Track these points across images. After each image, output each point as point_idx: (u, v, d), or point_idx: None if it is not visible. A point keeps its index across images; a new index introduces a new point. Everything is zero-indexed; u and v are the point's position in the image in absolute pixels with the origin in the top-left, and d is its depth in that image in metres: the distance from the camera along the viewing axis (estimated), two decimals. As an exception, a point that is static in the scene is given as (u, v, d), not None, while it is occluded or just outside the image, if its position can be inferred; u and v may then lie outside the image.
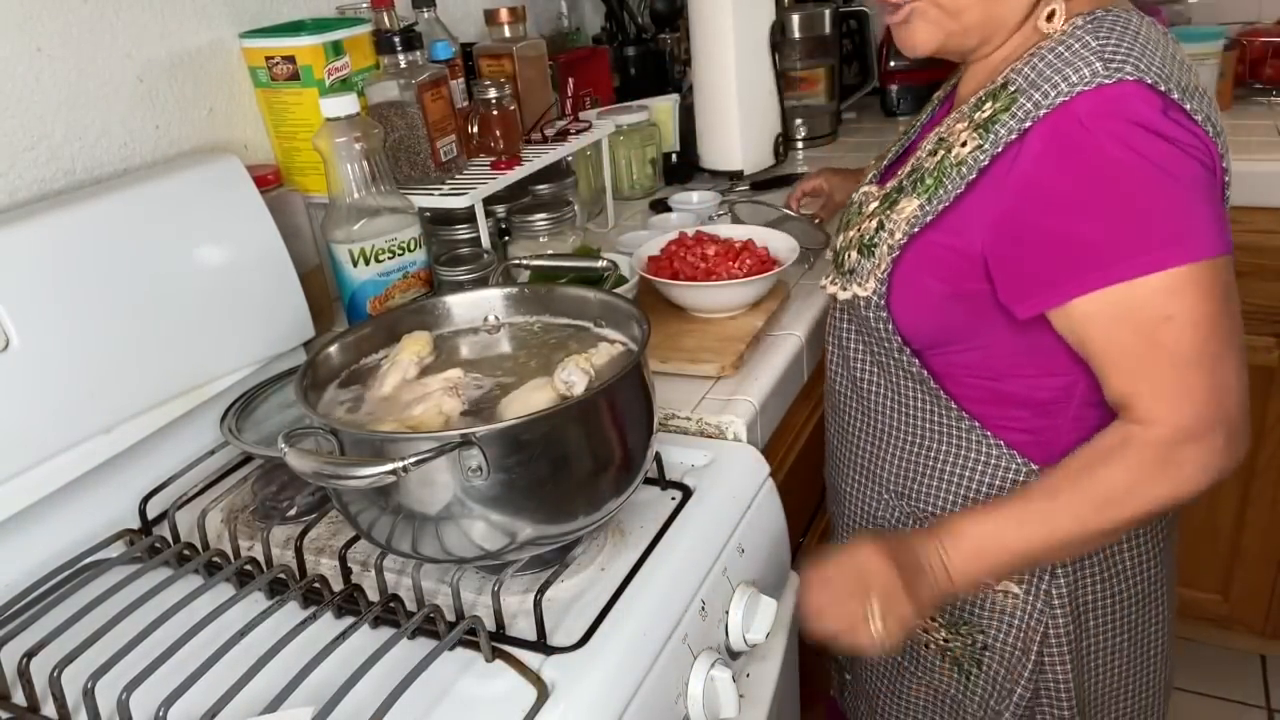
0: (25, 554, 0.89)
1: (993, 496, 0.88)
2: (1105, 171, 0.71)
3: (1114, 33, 0.75)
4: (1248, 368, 0.76)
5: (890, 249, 0.83)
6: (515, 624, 0.76)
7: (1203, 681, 1.94)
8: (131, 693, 0.67)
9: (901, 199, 0.84)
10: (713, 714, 0.79)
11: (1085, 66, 0.73)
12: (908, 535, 0.83)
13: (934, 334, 0.85)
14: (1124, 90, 0.71)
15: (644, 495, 0.90)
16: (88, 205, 0.94)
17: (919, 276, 0.82)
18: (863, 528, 1.01)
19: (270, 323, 1.08)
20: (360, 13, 1.31)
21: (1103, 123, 0.71)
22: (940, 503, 0.92)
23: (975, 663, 0.95)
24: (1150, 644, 0.96)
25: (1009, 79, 0.78)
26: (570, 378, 0.76)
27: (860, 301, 0.87)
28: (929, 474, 0.92)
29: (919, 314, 0.84)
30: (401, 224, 1.11)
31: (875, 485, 0.98)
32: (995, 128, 0.76)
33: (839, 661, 1.18)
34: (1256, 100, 1.85)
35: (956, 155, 0.79)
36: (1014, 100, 0.76)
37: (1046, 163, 0.73)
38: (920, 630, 0.97)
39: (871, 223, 0.86)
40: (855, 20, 2.06)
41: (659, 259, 1.23)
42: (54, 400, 0.88)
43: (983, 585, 0.88)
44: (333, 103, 1.05)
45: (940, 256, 0.81)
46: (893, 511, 0.97)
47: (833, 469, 1.06)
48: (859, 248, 0.87)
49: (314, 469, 0.66)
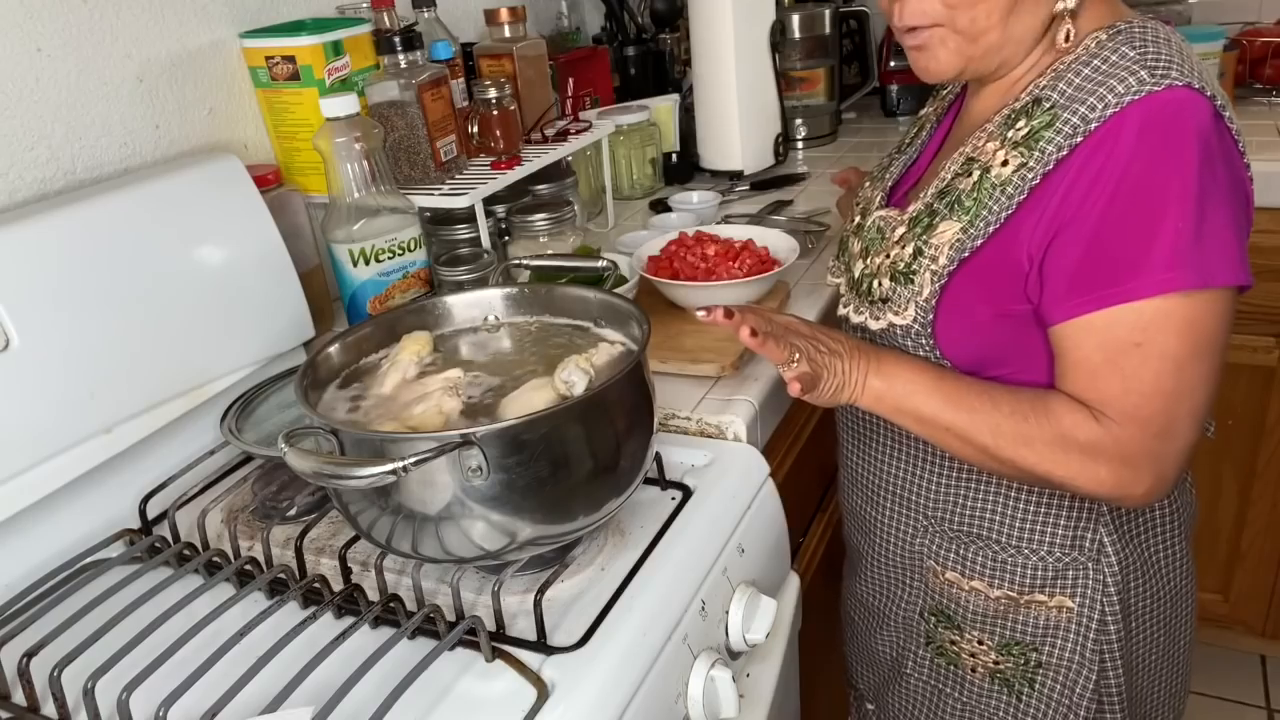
0: (25, 554, 0.89)
1: (1042, 512, 0.88)
2: (1145, 195, 0.70)
3: (1148, 41, 0.74)
4: (1199, 427, 0.76)
5: (936, 275, 0.81)
6: (515, 624, 0.76)
7: (1203, 681, 1.94)
8: (131, 693, 0.67)
9: (938, 223, 0.81)
10: (713, 714, 0.79)
11: (1130, 76, 0.72)
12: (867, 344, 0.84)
13: (978, 356, 0.83)
14: (1175, 96, 0.70)
15: (644, 495, 0.90)
16: (88, 205, 0.94)
17: (965, 300, 0.80)
18: (898, 555, 0.98)
19: (270, 323, 1.08)
20: (360, 13, 1.31)
21: (1154, 134, 0.70)
22: (986, 525, 0.90)
23: (1028, 682, 0.93)
24: (1180, 639, 0.96)
25: (1041, 95, 0.77)
26: (570, 378, 0.76)
27: (898, 330, 0.84)
28: (971, 497, 0.90)
29: (964, 337, 0.82)
30: (401, 224, 1.11)
31: (911, 512, 0.95)
32: (1040, 145, 0.75)
33: (858, 689, 1.14)
34: (1256, 100, 1.85)
35: (998, 175, 0.78)
36: (1056, 116, 0.75)
37: (1097, 179, 0.72)
38: (966, 655, 0.95)
39: (904, 249, 0.84)
40: (855, 20, 2.07)
41: (659, 259, 1.23)
42: (54, 400, 0.88)
43: (878, 409, 0.84)
44: (333, 103, 1.06)
45: (988, 278, 0.79)
46: (934, 538, 0.93)
47: (857, 494, 1.01)
48: (892, 275, 0.84)
49: (314, 469, 0.66)
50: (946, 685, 0.99)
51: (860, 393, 0.82)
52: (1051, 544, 0.88)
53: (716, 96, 1.71)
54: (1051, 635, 0.90)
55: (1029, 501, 0.88)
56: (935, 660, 0.99)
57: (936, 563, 0.94)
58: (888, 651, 1.04)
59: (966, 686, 0.97)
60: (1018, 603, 0.90)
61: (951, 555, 0.92)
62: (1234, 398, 1.67)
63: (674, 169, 1.81)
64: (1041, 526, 0.88)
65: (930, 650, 0.99)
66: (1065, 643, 0.90)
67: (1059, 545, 0.88)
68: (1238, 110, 1.97)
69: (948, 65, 0.81)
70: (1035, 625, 0.90)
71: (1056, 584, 0.88)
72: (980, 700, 0.97)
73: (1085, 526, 0.87)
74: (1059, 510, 0.87)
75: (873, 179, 1.01)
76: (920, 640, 0.99)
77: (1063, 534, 0.87)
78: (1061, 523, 0.87)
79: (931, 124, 0.97)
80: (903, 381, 0.81)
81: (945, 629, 0.96)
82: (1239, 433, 1.71)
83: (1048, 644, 0.91)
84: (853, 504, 1.03)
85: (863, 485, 1.00)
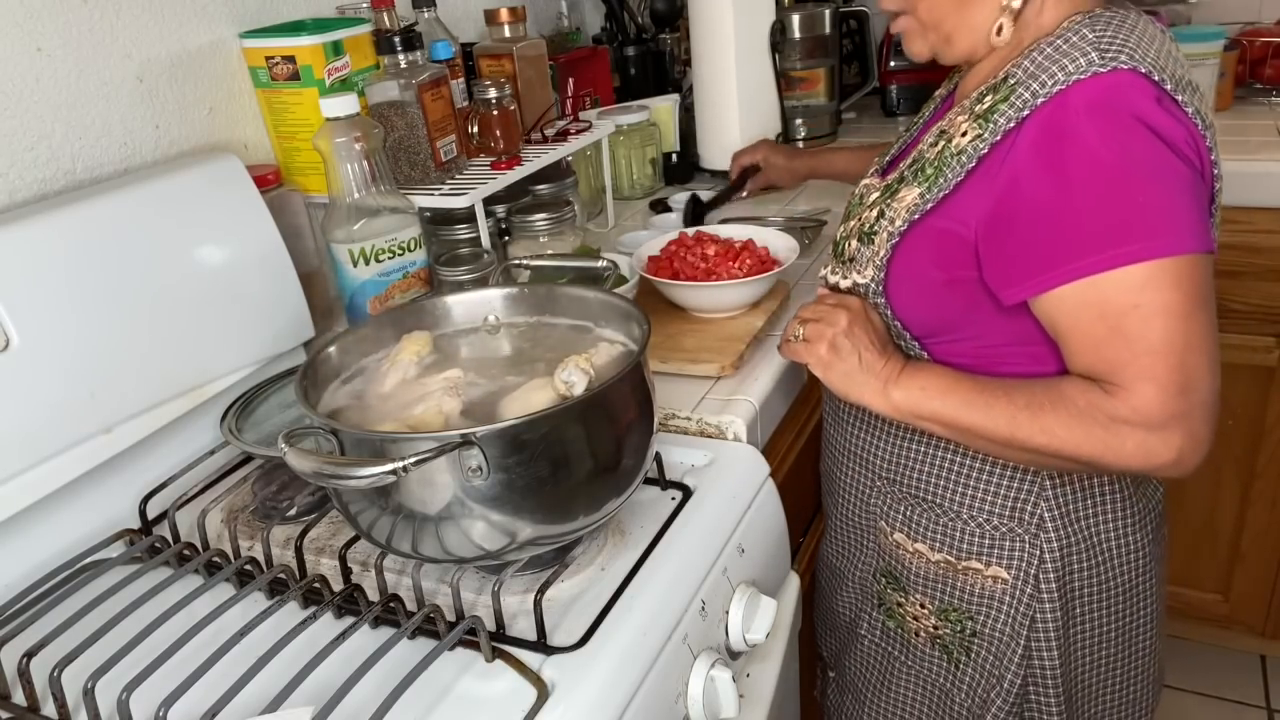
0: (25, 554, 0.89)
1: (984, 481, 0.90)
2: (1091, 164, 0.73)
3: (1110, 26, 0.78)
4: (1219, 376, 0.75)
5: (890, 235, 0.85)
6: (515, 624, 0.76)
7: (1203, 681, 1.94)
8: (131, 693, 0.67)
9: (902, 188, 0.87)
10: (713, 714, 0.79)
11: (1081, 57, 0.75)
12: (891, 342, 0.88)
13: (930, 321, 0.87)
14: (1118, 79, 0.73)
15: (644, 495, 0.90)
16: (88, 205, 0.94)
17: (917, 263, 0.85)
18: (856, 515, 1.03)
19: (270, 323, 1.08)
20: (360, 13, 1.31)
21: (1095, 113, 0.73)
22: (932, 489, 0.93)
23: (964, 650, 0.96)
24: (1139, 636, 0.96)
25: (1009, 73, 0.81)
26: (570, 378, 0.76)
27: (859, 289, 0.89)
28: (921, 460, 0.93)
29: (916, 300, 0.86)
30: (401, 224, 1.11)
31: (868, 472, 0.99)
32: (994, 117, 0.79)
33: (823, 659, 1.18)
34: (1256, 100, 1.85)
35: (956, 145, 0.82)
36: (1013, 91, 0.79)
37: (1037, 152, 0.75)
38: (910, 618, 0.99)
39: (872, 212, 0.89)
40: (855, 20, 2.06)
41: (659, 259, 1.23)
42: (54, 400, 0.88)
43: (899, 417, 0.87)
44: (333, 103, 1.05)
45: (937, 243, 0.83)
46: (885, 498, 0.98)
47: (828, 457, 1.07)
48: (859, 236, 0.90)
49: (314, 469, 0.66)
50: (895, 649, 1.02)
51: (879, 398, 0.85)
52: (990, 512, 0.90)
53: (716, 96, 1.71)
54: (985, 604, 0.93)
55: (973, 468, 0.90)
56: (886, 623, 1.02)
57: (887, 524, 0.98)
58: (845, 613, 1.08)
59: (912, 651, 1.00)
60: (955, 568, 0.93)
61: (899, 516, 0.96)
62: (1234, 398, 1.67)
63: (674, 169, 1.81)
64: (983, 494, 0.90)
65: (882, 613, 1.02)
66: (998, 614, 0.92)
67: (997, 514, 0.90)
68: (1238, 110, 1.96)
69: (920, 48, 0.89)
70: (971, 593, 0.93)
71: (993, 553, 0.91)
72: (924, 665, 1.00)
73: (1025, 499, 0.89)
74: (1000, 478, 0.89)
75: (879, 158, 1.03)
76: (874, 601, 1.03)
77: (1002, 503, 0.90)
78: (1002, 492, 0.89)
79: (935, 104, 1.00)
80: (918, 388, 0.84)
81: (893, 590, 1.00)
82: (1239, 433, 1.71)
83: (982, 613, 0.93)
84: (826, 467, 1.08)
85: (832, 447, 1.05)
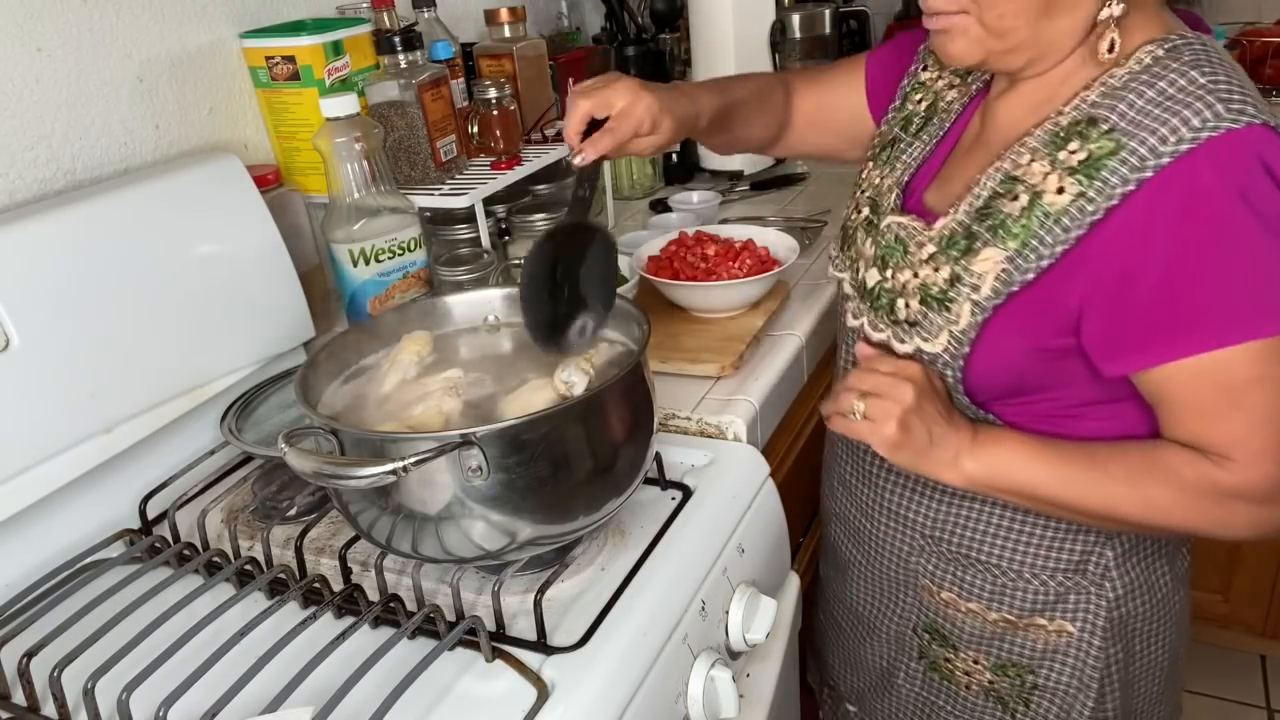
0: (25, 554, 0.89)
1: (1046, 539, 0.84)
2: (1222, 234, 0.66)
3: (1214, 65, 0.69)
4: None
5: (978, 308, 0.75)
6: (515, 624, 0.76)
7: (1203, 681, 1.94)
8: (131, 693, 0.67)
9: (979, 247, 0.75)
10: (713, 714, 0.79)
11: (1205, 108, 0.66)
12: (954, 409, 0.79)
13: (1003, 387, 0.79)
14: (1252, 138, 0.65)
15: (644, 495, 0.90)
16: (88, 205, 0.94)
17: (1005, 334, 0.75)
18: (892, 570, 0.94)
19: (270, 323, 1.08)
20: (360, 13, 1.31)
21: (1230, 177, 0.66)
22: (987, 549, 0.86)
23: (1023, 701, 0.91)
24: (1179, 655, 0.94)
25: (1096, 115, 0.71)
26: (570, 378, 0.76)
27: (924, 357, 0.79)
28: (973, 521, 0.86)
29: (994, 368, 0.77)
30: (401, 224, 1.11)
31: (906, 529, 0.91)
32: (1103, 175, 0.69)
33: (836, 689, 1.11)
34: (1256, 100, 1.85)
35: (1053, 204, 0.71)
36: (1120, 144, 0.68)
37: (1163, 219, 0.67)
38: (960, 673, 0.93)
39: (938, 272, 0.78)
40: (855, 20, 2.07)
41: (659, 259, 1.23)
42: (54, 400, 0.88)
43: (975, 490, 0.80)
44: (333, 103, 1.05)
45: (1032, 311, 0.74)
46: (930, 557, 0.90)
47: (850, 505, 0.98)
48: (922, 298, 0.79)
49: (314, 469, 0.66)
50: (939, 698, 0.97)
51: (951, 471, 0.77)
52: (1055, 569, 0.85)
53: (716, 96, 1.71)
54: (1049, 658, 0.88)
55: (1034, 526, 0.85)
56: (928, 674, 0.96)
57: (932, 582, 0.91)
58: (877, 661, 1.01)
59: (960, 701, 0.95)
60: (1016, 626, 0.88)
61: (948, 576, 0.90)
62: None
63: (674, 169, 1.80)
64: (1045, 551, 0.85)
65: (923, 664, 0.96)
66: (1064, 666, 0.88)
67: (1061, 570, 0.85)
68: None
69: (966, 53, 0.75)
70: (1033, 648, 0.88)
71: (1057, 608, 0.86)
72: (973, 715, 0.95)
73: (1090, 551, 0.84)
74: (1064, 536, 0.84)
75: (876, 158, 0.93)
76: (913, 654, 0.97)
77: (1067, 559, 0.85)
78: (1066, 548, 0.85)
79: (953, 113, 0.88)
80: (998, 460, 0.77)
81: (939, 646, 0.94)
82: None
83: (1045, 667, 0.88)
84: (843, 510, 1.00)
85: (856, 495, 0.96)
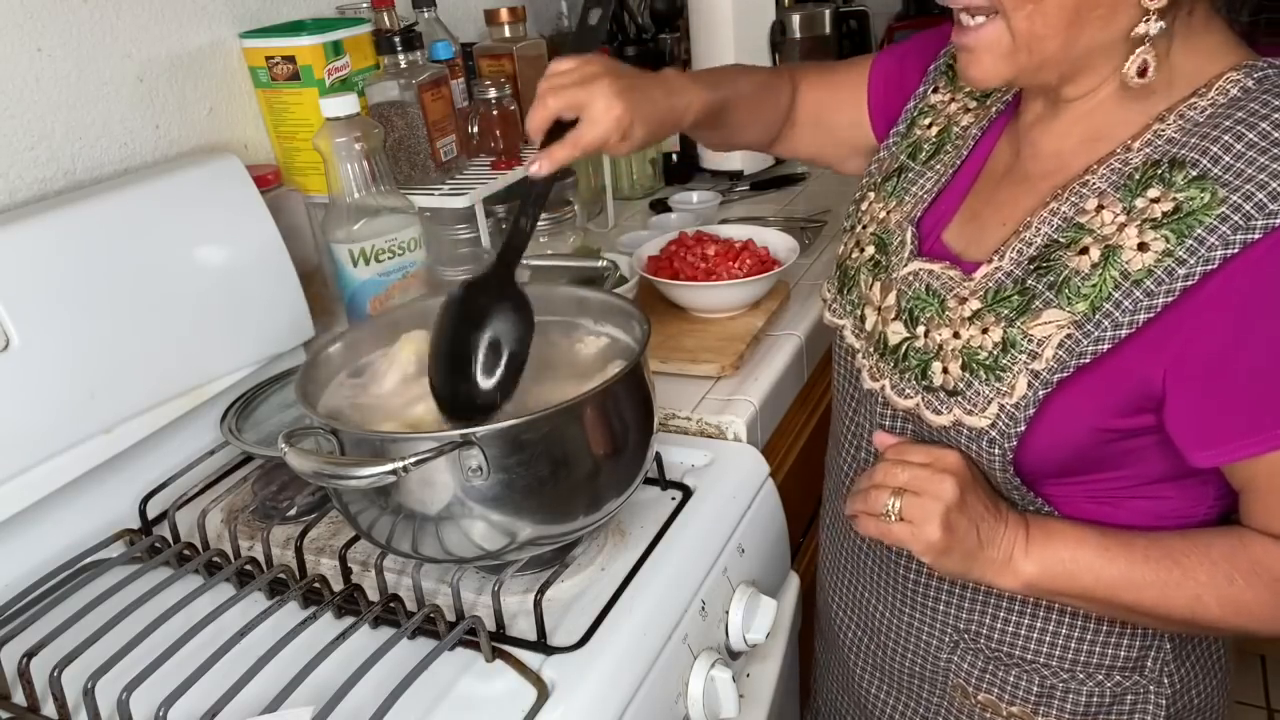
0: (25, 554, 0.89)
1: (1101, 640, 0.76)
2: None
3: None
4: None
5: (1039, 381, 0.65)
6: (515, 624, 0.76)
7: (1203, 681, 1.94)
8: (131, 693, 0.67)
9: (1039, 307, 0.65)
10: (713, 714, 0.79)
11: None
12: (999, 498, 0.70)
13: (1059, 466, 0.69)
14: None
15: (644, 495, 0.90)
16: (88, 205, 0.94)
17: (1068, 411, 0.65)
18: (917, 665, 0.84)
19: (270, 323, 1.08)
20: (360, 13, 1.31)
21: None
22: (1033, 651, 0.77)
23: None
24: None
25: (1179, 156, 0.62)
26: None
27: (966, 431, 0.68)
28: (1013, 618, 0.77)
29: (1053, 446, 0.67)
30: (401, 224, 1.11)
31: (936, 624, 0.80)
32: (1198, 233, 0.59)
33: None
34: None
35: (1133, 264, 0.62)
36: (1218, 197, 0.59)
37: (1276, 292, 0.58)
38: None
39: (987, 335, 0.67)
40: (855, 20, 2.06)
41: (659, 259, 1.23)
42: (54, 400, 0.88)
43: (1034, 595, 0.72)
44: (333, 103, 1.05)
45: (1104, 385, 0.64)
46: (965, 656, 0.80)
47: (863, 586, 0.86)
48: (966, 363, 0.68)
49: (314, 469, 0.66)
50: None
51: (1006, 575, 0.69)
52: (1110, 669, 0.76)
53: (716, 96, 1.71)
54: None
55: (1086, 620, 0.76)
56: None
57: (966, 682, 0.81)
58: None
59: None
60: None
61: (987, 677, 0.79)
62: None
63: (674, 169, 1.80)
64: (1100, 649, 0.76)
65: None
66: None
67: (1119, 670, 0.76)
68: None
69: (993, 72, 0.66)
70: None
71: (1113, 711, 0.77)
72: None
73: (1150, 645, 0.76)
74: (1121, 636, 0.76)
75: (875, 186, 0.84)
76: None
77: (1125, 655, 0.76)
78: (1124, 643, 0.76)
79: (970, 140, 0.79)
80: (1059, 562, 0.68)
81: None
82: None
83: None
84: (850, 590, 0.88)
85: (869, 576, 0.85)
